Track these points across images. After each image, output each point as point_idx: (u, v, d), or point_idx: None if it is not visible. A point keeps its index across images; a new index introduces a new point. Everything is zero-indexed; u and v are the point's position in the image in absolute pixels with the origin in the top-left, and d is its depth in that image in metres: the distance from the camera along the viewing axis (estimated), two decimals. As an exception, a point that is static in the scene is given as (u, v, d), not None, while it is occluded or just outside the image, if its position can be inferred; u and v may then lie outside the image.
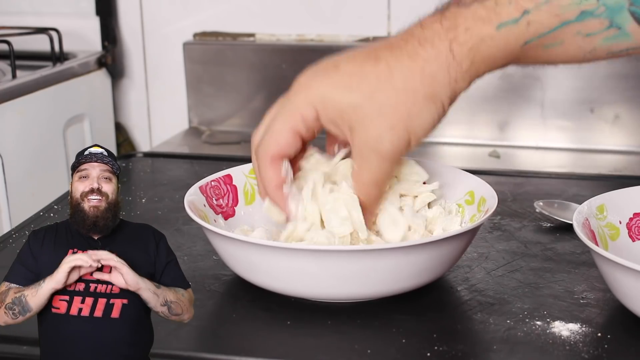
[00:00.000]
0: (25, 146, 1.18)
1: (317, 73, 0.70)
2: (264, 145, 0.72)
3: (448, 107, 0.68)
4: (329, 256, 0.67)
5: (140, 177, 1.09)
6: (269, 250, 0.68)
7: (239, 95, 1.38)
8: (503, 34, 0.64)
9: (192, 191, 0.79)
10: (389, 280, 0.69)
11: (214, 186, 0.82)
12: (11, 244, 0.86)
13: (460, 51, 0.65)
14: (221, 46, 1.38)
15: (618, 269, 0.64)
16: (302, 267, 0.68)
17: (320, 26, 1.35)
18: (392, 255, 0.67)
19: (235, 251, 0.71)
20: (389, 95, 0.67)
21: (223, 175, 0.83)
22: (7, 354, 0.66)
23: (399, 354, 0.65)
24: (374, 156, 0.68)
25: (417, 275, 0.70)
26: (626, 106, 1.25)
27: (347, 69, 0.69)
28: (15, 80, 1.18)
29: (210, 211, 0.80)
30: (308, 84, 0.70)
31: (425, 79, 0.66)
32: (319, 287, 0.69)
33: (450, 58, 0.65)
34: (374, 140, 0.68)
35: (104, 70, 1.39)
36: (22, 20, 1.40)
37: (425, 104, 0.67)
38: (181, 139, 1.38)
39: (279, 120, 0.71)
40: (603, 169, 1.19)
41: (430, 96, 0.66)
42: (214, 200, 0.81)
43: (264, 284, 0.72)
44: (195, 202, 0.78)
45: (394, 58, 0.67)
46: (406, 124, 0.67)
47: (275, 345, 0.67)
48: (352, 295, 0.71)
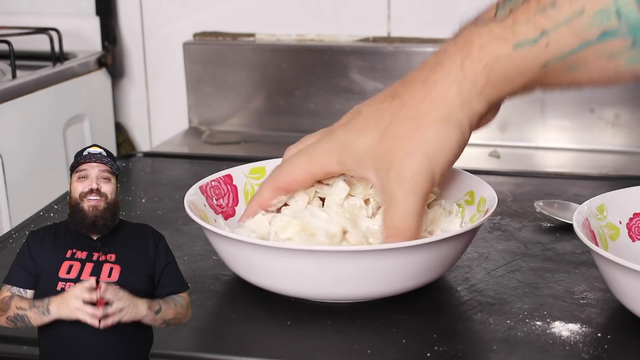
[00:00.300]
0: (25, 146, 1.18)
1: (343, 121, 0.71)
2: (279, 172, 0.74)
3: (469, 131, 0.65)
4: (327, 257, 0.67)
5: (140, 177, 1.09)
6: (266, 250, 0.68)
7: (239, 95, 1.38)
8: (520, 54, 0.61)
9: (192, 191, 0.79)
10: (389, 281, 0.69)
11: (214, 186, 0.82)
12: (11, 244, 0.86)
13: (474, 68, 0.63)
14: (221, 46, 1.38)
15: (618, 269, 0.64)
16: (300, 268, 0.68)
17: (320, 26, 1.35)
18: (392, 256, 0.67)
19: (234, 251, 0.71)
20: (402, 125, 0.65)
21: (223, 175, 0.83)
22: (7, 354, 0.66)
23: (399, 354, 0.65)
24: (398, 190, 0.65)
25: (416, 276, 0.69)
26: (626, 106, 1.25)
27: (367, 113, 0.68)
28: (15, 80, 1.18)
29: (210, 211, 0.80)
30: (332, 133, 0.70)
31: (435, 101, 0.64)
32: (317, 287, 0.69)
33: (461, 76, 0.63)
34: (394, 174, 0.65)
35: (104, 70, 1.39)
36: (22, 20, 1.40)
37: (439, 127, 0.64)
38: (181, 139, 1.38)
39: (303, 159, 0.72)
40: (603, 169, 1.19)
41: (444, 118, 0.64)
42: (214, 200, 0.81)
43: (262, 284, 0.71)
44: (195, 202, 0.78)
45: (406, 91, 0.66)
46: (423, 150, 0.64)
47: (275, 345, 0.67)
48: (350, 296, 0.70)
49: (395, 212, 0.66)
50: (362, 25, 1.33)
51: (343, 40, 1.34)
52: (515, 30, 0.61)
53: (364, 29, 1.33)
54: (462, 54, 0.63)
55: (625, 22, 0.58)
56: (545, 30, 0.60)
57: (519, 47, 0.61)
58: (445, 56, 0.64)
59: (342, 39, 1.34)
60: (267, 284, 0.71)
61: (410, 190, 0.65)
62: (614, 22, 0.59)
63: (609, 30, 0.59)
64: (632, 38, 0.59)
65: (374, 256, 0.67)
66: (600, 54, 0.60)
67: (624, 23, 0.58)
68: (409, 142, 0.65)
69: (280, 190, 0.74)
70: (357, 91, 1.31)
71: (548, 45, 0.60)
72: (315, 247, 0.67)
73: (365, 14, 1.33)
